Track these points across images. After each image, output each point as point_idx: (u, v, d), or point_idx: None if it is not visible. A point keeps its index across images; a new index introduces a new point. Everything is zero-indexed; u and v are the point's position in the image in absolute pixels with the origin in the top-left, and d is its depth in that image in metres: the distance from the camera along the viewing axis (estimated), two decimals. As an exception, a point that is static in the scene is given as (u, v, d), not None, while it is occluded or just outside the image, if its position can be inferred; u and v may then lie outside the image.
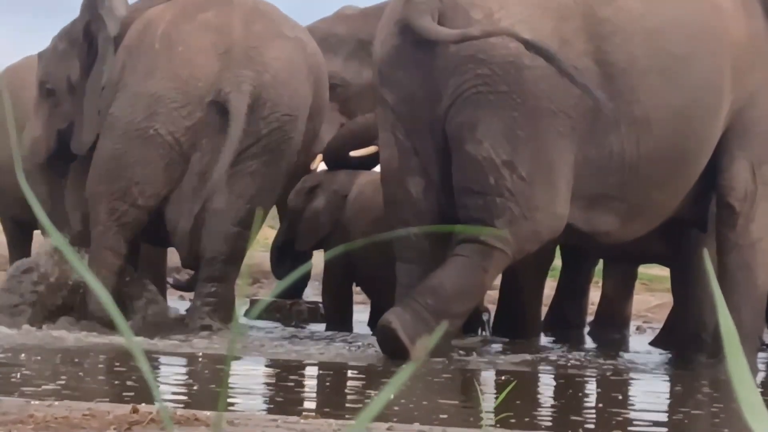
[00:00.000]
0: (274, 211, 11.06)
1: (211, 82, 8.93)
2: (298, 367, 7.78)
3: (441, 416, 5.60)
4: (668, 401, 7.32)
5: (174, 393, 6.37)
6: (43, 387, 6.19)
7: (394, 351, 7.65)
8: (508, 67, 7.78)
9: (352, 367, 7.75)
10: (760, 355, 9.70)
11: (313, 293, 11.91)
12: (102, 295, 0.63)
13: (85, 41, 9.77)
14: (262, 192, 9.09)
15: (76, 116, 9.77)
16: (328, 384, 7.32)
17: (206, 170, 8.91)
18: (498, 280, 10.16)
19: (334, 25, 11.25)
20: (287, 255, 10.57)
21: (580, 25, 7.88)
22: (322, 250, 10.58)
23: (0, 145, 12.11)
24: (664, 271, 12.93)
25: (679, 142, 8.10)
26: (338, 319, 10.39)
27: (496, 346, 9.52)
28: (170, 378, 7.02)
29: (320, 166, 10.59)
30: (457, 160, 7.88)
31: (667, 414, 6.71)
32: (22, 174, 0.86)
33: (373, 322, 9.77)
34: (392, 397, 6.06)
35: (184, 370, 7.38)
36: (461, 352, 8.63)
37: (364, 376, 7.41)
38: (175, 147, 8.94)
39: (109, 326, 8.36)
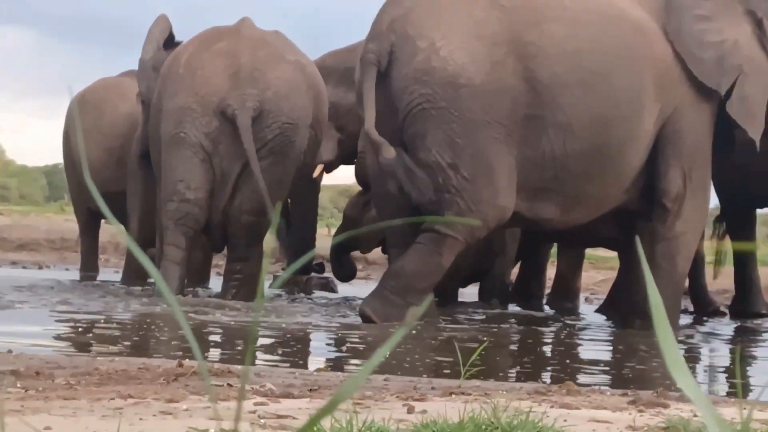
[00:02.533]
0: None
1: (222, 97, 9.01)
2: (312, 329, 7.78)
3: (428, 370, 5.60)
4: (612, 356, 7.33)
5: (213, 352, 6.39)
6: (110, 347, 6.21)
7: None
8: (446, 86, 7.78)
9: (358, 330, 7.76)
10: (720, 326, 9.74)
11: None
12: (157, 278, 0.63)
13: None
14: (273, 187, 9.12)
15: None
16: (337, 343, 7.32)
17: (225, 172, 9.03)
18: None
19: (324, 60, 11.45)
20: (343, 256, 10.70)
21: (509, 49, 7.86)
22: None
23: (87, 150, 12.27)
24: (607, 253, 12.96)
25: (600, 142, 8.08)
26: None
27: (473, 314, 9.52)
28: (210, 340, 7.03)
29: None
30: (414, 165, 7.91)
31: (611, 366, 6.72)
32: (89, 175, 0.86)
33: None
34: (388, 354, 6.05)
35: (220, 333, 7.39)
36: (445, 318, 8.65)
37: (367, 337, 7.41)
38: (201, 149, 9.04)
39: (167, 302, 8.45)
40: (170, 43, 10.57)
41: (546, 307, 11.04)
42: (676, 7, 8.39)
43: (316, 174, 10.89)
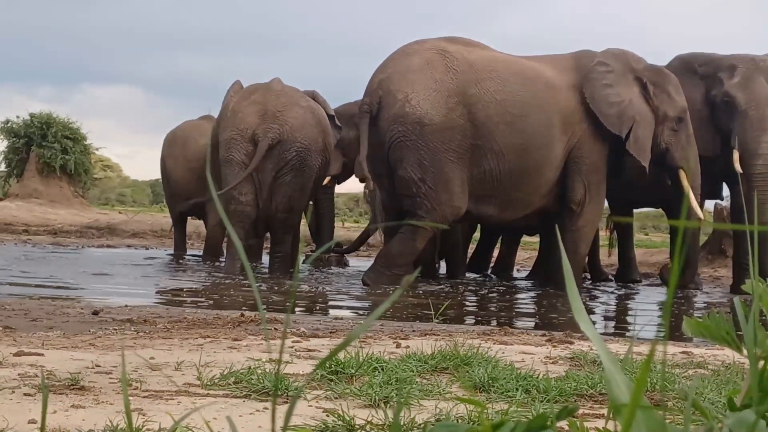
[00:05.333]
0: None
1: (254, 130, 9.07)
2: (332, 291, 7.77)
3: (411, 318, 5.61)
4: (536, 307, 7.33)
5: (264, 304, 6.37)
6: (194, 303, 6.19)
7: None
8: (415, 125, 7.84)
9: (361, 292, 7.75)
10: (608, 288, 9.70)
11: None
12: (243, 258, 0.64)
13: None
14: (295, 193, 9.21)
15: None
16: (348, 300, 7.32)
17: (261, 182, 9.12)
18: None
19: (338, 108, 11.54)
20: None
21: (458, 99, 7.92)
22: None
23: (176, 170, 12.27)
24: (531, 239, 12.95)
25: (522, 164, 8.13)
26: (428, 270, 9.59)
27: (443, 280, 9.51)
28: (263, 296, 6.99)
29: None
30: (396, 179, 7.96)
31: (537, 314, 6.72)
32: (212, 183, 0.86)
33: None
34: (388, 307, 6.05)
35: (269, 293, 7.37)
36: (424, 284, 8.63)
37: (367, 297, 7.41)
38: (244, 165, 9.07)
39: (239, 276, 8.54)
40: None
41: (492, 276, 11.02)
42: (590, 79, 8.47)
43: (326, 182, 10.91)
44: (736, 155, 8.96)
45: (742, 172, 8.86)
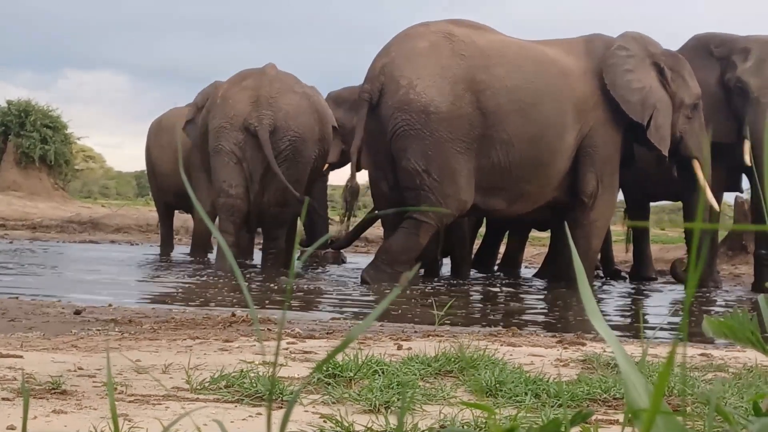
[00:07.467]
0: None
1: (245, 117, 8.99)
2: (328, 290, 7.77)
3: (412, 318, 5.61)
4: (546, 306, 7.33)
5: (257, 303, 6.37)
6: (182, 302, 6.19)
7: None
8: (420, 113, 7.81)
9: (359, 290, 7.74)
10: (623, 287, 9.70)
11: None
12: (229, 256, 0.63)
13: None
14: (291, 184, 9.02)
15: None
16: (345, 299, 7.31)
17: (252, 173, 9.02)
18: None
19: (341, 92, 11.71)
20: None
21: (466, 86, 7.90)
22: None
23: (162, 161, 12.25)
24: (540, 234, 12.96)
25: (533, 155, 8.11)
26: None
27: (446, 278, 9.51)
28: (255, 296, 6.99)
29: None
30: (399, 171, 7.94)
31: (547, 313, 6.72)
32: (184, 173, 0.85)
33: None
34: (386, 307, 6.06)
35: (260, 291, 7.37)
36: (427, 282, 8.64)
37: (366, 295, 7.40)
38: (234, 155, 8.99)
39: (231, 273, 8.46)
40: None
41: (498, 273, 11.03)
42: (610, 65, 8.46)
43: (324, 169, 10.92)
44: (747, 146, 8.93)
45: (753, 164, 8.83)
